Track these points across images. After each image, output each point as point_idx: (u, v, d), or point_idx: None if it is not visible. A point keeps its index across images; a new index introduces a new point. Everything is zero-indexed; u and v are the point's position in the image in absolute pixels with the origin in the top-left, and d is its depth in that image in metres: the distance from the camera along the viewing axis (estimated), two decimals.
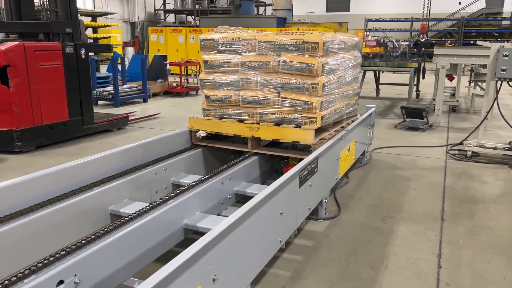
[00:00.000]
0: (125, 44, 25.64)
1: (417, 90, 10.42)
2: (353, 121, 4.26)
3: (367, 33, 23.95)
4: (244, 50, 3.50)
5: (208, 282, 1.72)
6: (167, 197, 2.59)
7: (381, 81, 10.47)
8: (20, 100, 5.09)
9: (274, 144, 3.66)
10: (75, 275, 1.82)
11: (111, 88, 9.13)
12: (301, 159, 2.95)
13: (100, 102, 9.13)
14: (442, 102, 7.22)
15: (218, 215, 2.85)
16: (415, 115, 7.13)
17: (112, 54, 9.71)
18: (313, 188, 2.97)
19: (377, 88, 10.42)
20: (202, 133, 3.70)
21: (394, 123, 7.23)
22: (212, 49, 3.62)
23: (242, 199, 3.17)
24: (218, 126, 3.64)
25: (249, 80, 3.50)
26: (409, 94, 7.77)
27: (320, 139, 3.41)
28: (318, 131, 3.45)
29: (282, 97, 3.41)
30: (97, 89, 9.04)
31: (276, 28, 14.76)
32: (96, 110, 8.01)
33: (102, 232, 2.15)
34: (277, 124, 3.47)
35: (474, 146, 5.26)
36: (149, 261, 2.36)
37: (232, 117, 3.64)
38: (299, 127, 3.39)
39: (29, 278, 1.70)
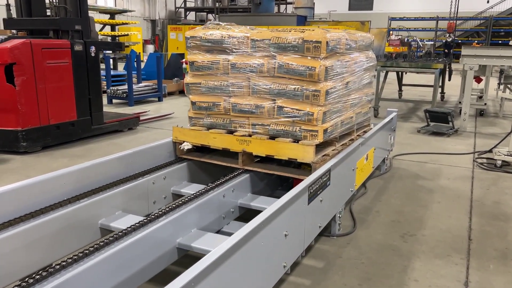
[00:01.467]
0: (146, 42, 25.74)
1: (442, 92, 9.95)
2: (365, 132, 3.74)
3: (391, 32, 23.34)
4: (235, 50, 3.02)
5: None
6: (160, 212, 2.34)
7: (404, 82, 10.04)
8: (26, 99, 4.94)
9: (271, 159, 3.07)
10: None
11: (125, 86, 8.98)
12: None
13: (114, 100, 9.00)
14: (469, 106, 6.79)
15: (218, 232, 2.59)
16: (439, 119, 6.73)
17: (125, 52, 9.56)
18: (324, 203, 2.68)
19: (400, 90, 9.98)
20: (186, 145, 3.22)
21: (417, 127, 6.84)
22: (199, 49, 3.16)
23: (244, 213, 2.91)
24: (205, 137, 3.18)
25: (240, 85, 3.03)
26: (433, 96, 7.36)
27: (323, 155, 2.93)
28: (321, 146, 3.01)
29: (278, 106, 2.92)
30: (111, 87, 8.91)
31: (296, 27, 14.40)
32: (110, 109, 7.91)
33: (87, 251, 1.93)
34: (272, 137, 2.98)
35: (505, 154, 4.85)
36: (139, 283, 2.11)
37: (221, 127, 3.18)
38: (298, 142, 2.90)
39: None
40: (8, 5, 6.09)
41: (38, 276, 1.71)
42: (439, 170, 4.73)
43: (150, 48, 24.60)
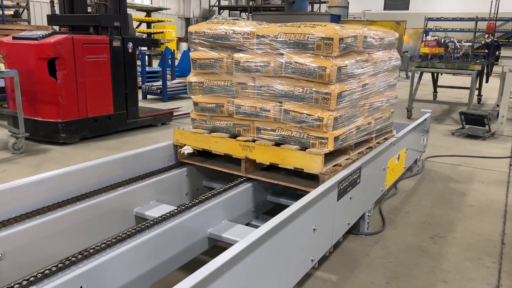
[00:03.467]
0: (180, 40, 26.13)
1: (479, 95, 9.68)
2: (386, 139, 3.40)
3: (430, 32, 22.81)
4: (240, 47, 2.78)
5: None
6: (192, 203, 2.41)
7: (439, 83, 9.82)
8: (66, 92, 5.15)
9: (278, 167, 2.76)
10: (81, 287, 1.68)
11: (160, 83, 9.19)
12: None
13: (148, 96, 9.22)
14: (507, 109, 6.59)
15: (247, 224, 2.65)
16: (475, 122, 6.56)
17: (160, 49, 9.77)
18: (354, 201, 2.69)
19: (435, 91, 9.78)
20: (187, 149, 3.04)
21: (451, 129, 6.69)
22: (202, 45, 2.93)
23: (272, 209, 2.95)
24: (207, 141, 2.96)
25: (244, 86, 2.80)
26: (469, 98, 7.18)
27: (334, 165, 2.65)
28: (333, 155, 2.76)
29: (284, 109, 2.67)
30: (146, 83, 9.14)
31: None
32: (145, 104, 8.12)
33: (123, 236, 2.01)
34: (278, 144, 2.74)
35: None
36: (171, 270, 2.20)
37: (224, 131, 2.96)
38: (305, 150, 2.63)
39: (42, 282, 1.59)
40: (52, 2, 6.35)
41: (74, 259, 1.80)
42: (472, 173, 4.63)
43: (184, 46, 24.95)
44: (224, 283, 1.51)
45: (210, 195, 2.53)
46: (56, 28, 7.45)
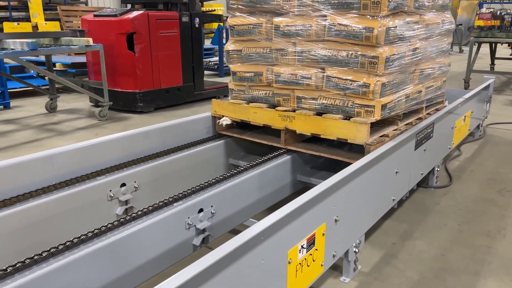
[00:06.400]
0: (226, 18, 26.39)
1: None
2: (437, 110, 3.24)
3: (485, 5, 21.85)
4: (280, 10, 2.63)
5: (331, 221, 1.84)
6: (280, 152, 2.71)
7: (496, 56, 9.59)
8: (143, 65, 5.60)
9: (319, 138, 2.63)
10: (211, 206, 2.06)
11: (216, 59, 9.57)
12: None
13: (206, 72, 9.62)
14: None
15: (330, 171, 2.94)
16: None
17: (212, 26, 10.07)
18: (427, 153, 2.93)
19: (492, 63, 9.57)
20: (225, 121, 2.96)
21: (511, 99, 6.66)
22: (241, 10, 2.80)
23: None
24: (245, 112, 2.86)
25: (284, 52, 2.65)
26: None
27: (381, 136, 2.50)
28: (379, 125, 2.60)
29: (327, 76, 2.51)
30: (204, 59, 9.53)
31: None
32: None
33: (233, 173, 2.35)
34: (320, 113, 2.59)
35: None
36: (265, 207, 2.55)
37: (263, 101, 2.85)
38: (349, 119, 2.47)
39: (177, 203, 1.96)
40: None
41: (198, 187, 2.16)
42: None
43: None
44: (332, 200, 1.83)
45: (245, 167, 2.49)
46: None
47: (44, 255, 1.50)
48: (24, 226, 1.87)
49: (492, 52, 9.34)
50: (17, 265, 1.44)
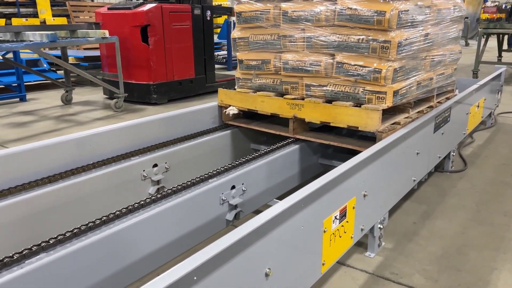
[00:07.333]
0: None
1: None
2: (448, 98, 3.20)
3: None
4: None
5: (360, 196, 1.92)
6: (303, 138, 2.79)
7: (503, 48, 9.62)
8: (157, 57, 5.68)
9: (329, 127, 2.59)
10: (242, 184, 2.15)
11: (224, 52, 9.65)
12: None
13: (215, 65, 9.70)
14: None
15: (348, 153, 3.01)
16: None
17: (219, 20, 10.15)
18: (444, 137, 3.01)
19: (499, 56, 9.61)
20: (232, 110, 2.90)
21: None
22: None
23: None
24: (252, 101, 2.79)
25: (292, 38, 2.57)
26: None
27: (392, 124, 2.45)
28: (390, 113, 2.54)
29: (337, 62, 2.43)
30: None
31: None
32: None
33: (261, 153, 2.45)
34: (330, 101, 2.52)
35: None
36: (290, 187, 2.63)
37: (271, 89, 2.77)
38: (360, 106, 2.40)
39: (212, 179, 2.05)
40: None
41: (230, 165, 2.25)
42: None
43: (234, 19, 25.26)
44: (362, 176, 1.91)
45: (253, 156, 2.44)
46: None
47: (83, 228, 1.57)
48: (73, 200, 1.98)
49: (500, 44, 9.37)
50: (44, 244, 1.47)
